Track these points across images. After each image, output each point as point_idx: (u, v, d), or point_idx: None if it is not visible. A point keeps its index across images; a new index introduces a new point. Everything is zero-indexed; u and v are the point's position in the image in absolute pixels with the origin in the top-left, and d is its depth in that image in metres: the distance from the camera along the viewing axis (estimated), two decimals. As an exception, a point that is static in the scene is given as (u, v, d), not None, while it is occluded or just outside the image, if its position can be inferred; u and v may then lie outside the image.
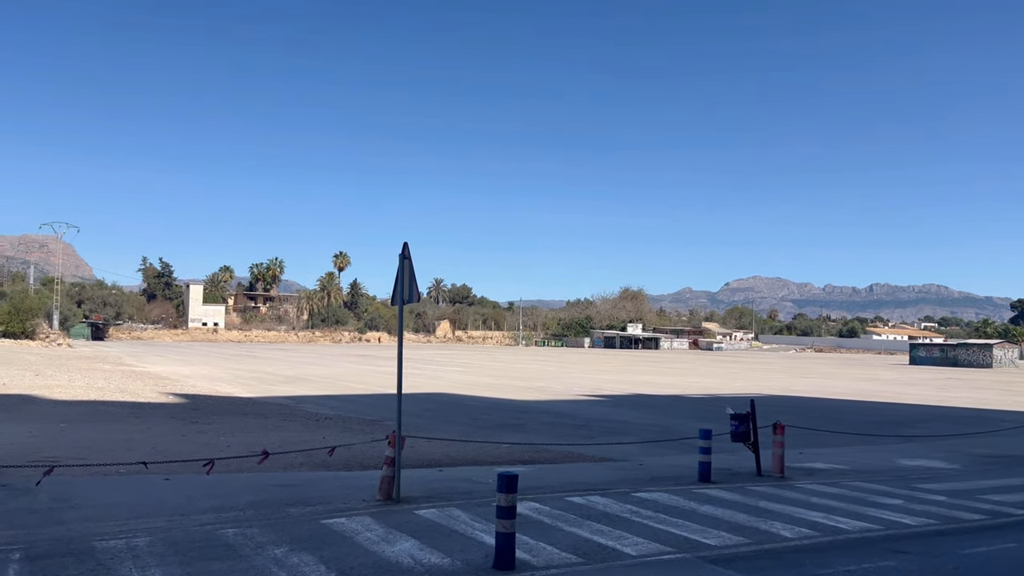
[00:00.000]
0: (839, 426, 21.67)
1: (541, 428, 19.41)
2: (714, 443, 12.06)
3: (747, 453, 14.79)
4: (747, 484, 11.28)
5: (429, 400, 26.68)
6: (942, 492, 11.11)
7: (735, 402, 29.44)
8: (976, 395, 36.40)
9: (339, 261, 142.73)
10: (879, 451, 16.23)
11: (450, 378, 39.16)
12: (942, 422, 22.99)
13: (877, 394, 35.48)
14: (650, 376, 45.92)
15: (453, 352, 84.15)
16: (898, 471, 13.39)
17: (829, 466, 13.76)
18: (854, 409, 27.57)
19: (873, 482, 11.89)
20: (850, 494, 10.65)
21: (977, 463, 14.90)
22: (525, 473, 11.63)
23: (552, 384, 36.49)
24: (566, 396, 29.97)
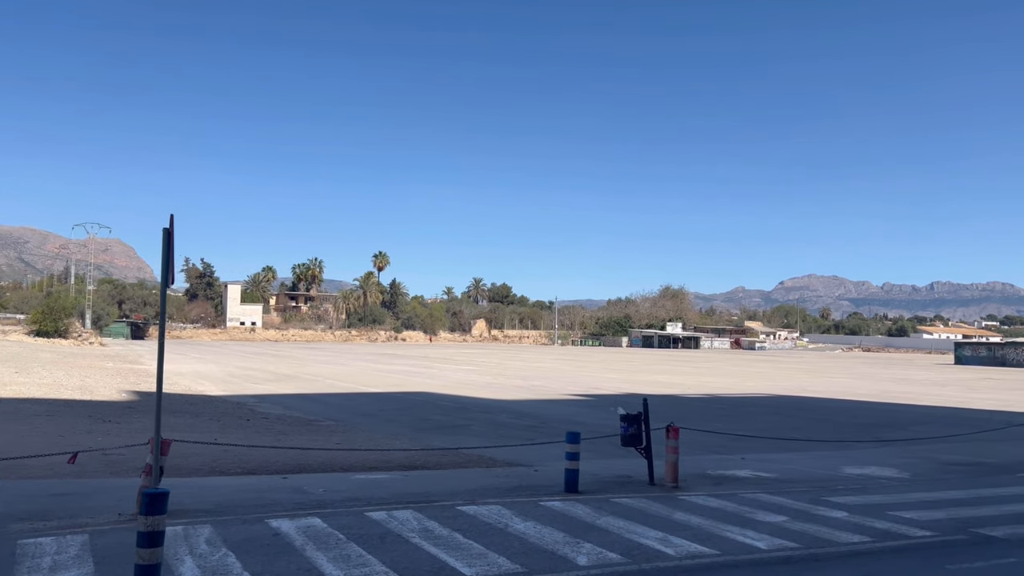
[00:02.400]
0: (825, 428, 20.12)
1: (485, 429, 18.32)
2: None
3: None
4: (620, 495, 9.97)
5: (399, 400, 25.80)
6: (850, 507, 9.65)
7: (733, 402, 27.86)
8: (1004, 396, 33.90)
9: (378, 261, 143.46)
10: (833, 457, 14.69)
11: (448, 377, 38.27)
12: (941, 424, 21.13)
13: (896, 395, 33.35)
14: (663, 376, 44.30)
15: (479, 351, 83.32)
16: (826, 481, 11.89)
17: (752, 474, 12.33)
18: (854, 411, 25.73)
19: (780, 494, 10.46)
20: (733, 509, 9.28)
21: (935, 471, 13.27)
22: (381, 480, 10.55)
23: (550, 383, 35.29)
24: (551, 396, 28.76)
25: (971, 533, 8.44)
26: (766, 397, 31.25)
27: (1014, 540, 8.18)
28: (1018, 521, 9.14)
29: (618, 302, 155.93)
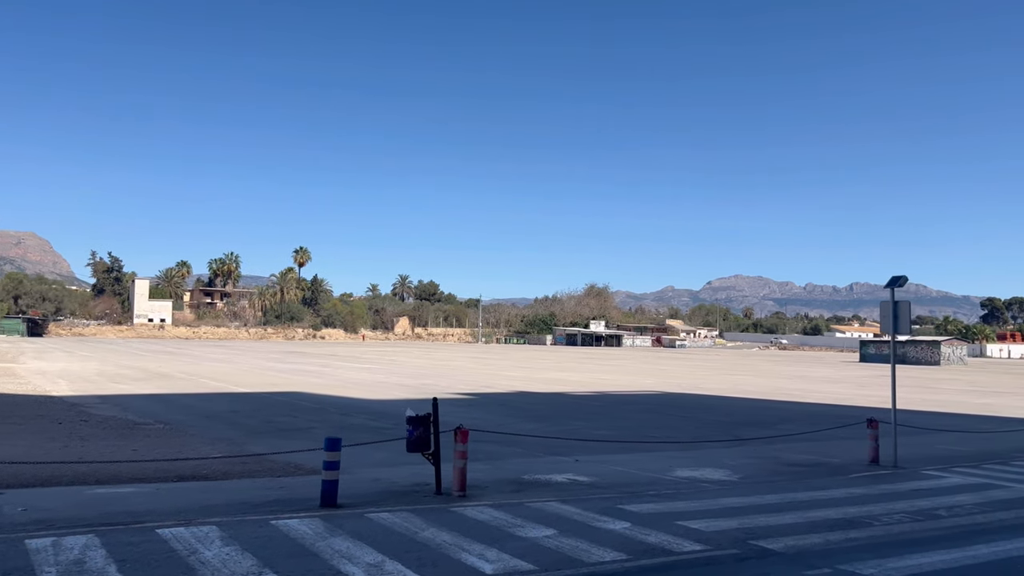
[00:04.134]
0: (692, 427, 19.58)
1: (328, 431, 16.99)
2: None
3: (496, 463, 12.55)
4: (385, 508, 8.91)
5: (261, 400, 24.30)
6: (640, 516, 8.82)
7: (617, 399, 27.19)
8: (889, 394, 34.34)
9: (299, 256, 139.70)
10: (675, 458, 13.99)
11: (339, 376, 36.76)
12: (810, 422, 20.83)
13: (787, 392, 33.45)
14: (566, 374, 43.75)
15: (394, 349, 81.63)
16: (646, 484, 11.10)
17: (569, 479, 11.45)
18: (733, 408, 25.40)
19: (576, 502, 9.58)
20: (502, 522, 8.33)
21: (769, 473, 12.67)
22: (117, 496, 9.23)
23: (443, 382, 34.18)
24: (435, 395, 27.63)
25: (748, 546, 7.68)
26: (654, 394, 30.83)
27: (789, 554, 7.44)
28: (810, 531, 8.45)
29: (545, 300, 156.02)
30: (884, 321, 14.01)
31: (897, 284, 13.64)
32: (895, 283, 13.63)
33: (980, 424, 21.87)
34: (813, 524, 8.81)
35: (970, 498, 10.86)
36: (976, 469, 13.64)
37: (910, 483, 12.01)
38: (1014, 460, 14.96)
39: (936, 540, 8.25)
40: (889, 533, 8.52)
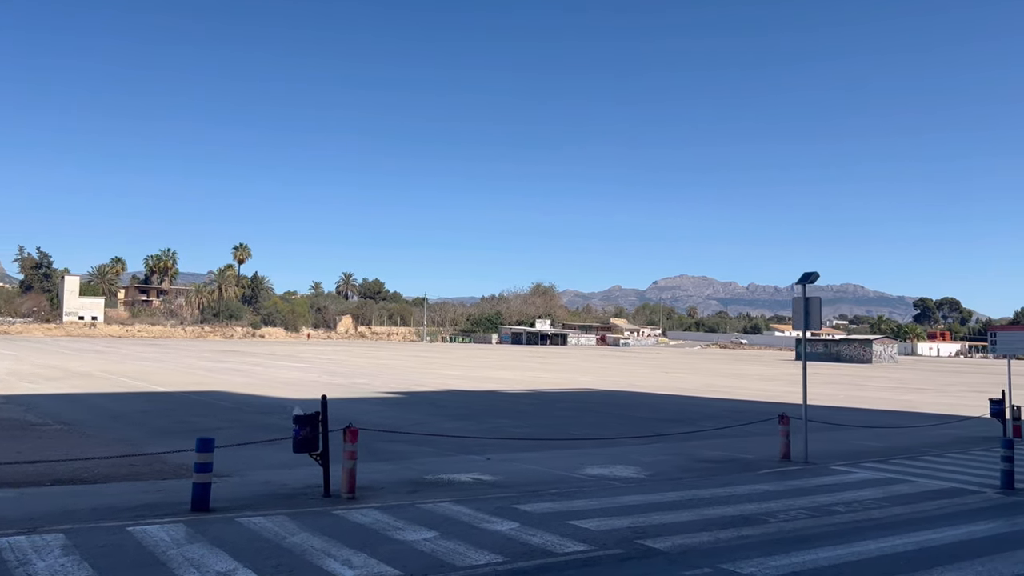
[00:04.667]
0: (616, 424, 19.49)
1: (240, 432, 16.36)
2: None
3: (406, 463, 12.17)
4: (262, 511, 8.45)
5: (178, 400, 23.44)
6: (531, 516, 8.55)
7: (550, 397, 26.93)
8: (818, 391, 34.97)
9: (239, 253, 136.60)
10: (589, 455, 13.81)
11: (268, 376, 35.80)
12: (732, 418, 20.91)
13: (718, 389, 33.78)
14: (504, 372, 43.52)
15: (334, 348, 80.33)
16: (551, 483, 10.86)
17: (473, 478, 11.15)
18: (662, 405, 25.47)
19: (472, 502, 9.27)
20: (385, 525, 7.97)
21: (679, 470, 12.57)
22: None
23: (376, 381, 33.58)
24: (363, 394, 27.07)
25: (634, 546, 7.45)
26: (588, 392, 30.78)
27: (673, 554, 7.23)
28: (702, 529, 8.29)
29: (491, 299, 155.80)
30: (796, 317, 14.04)
31: (808, 280, 13.68)
32: (806, 279, 13.67)
33: (898, 420, 22.30)
34: (708, 522, 8.65)
35: (871, 493, 10.89)
36: (884, 464, 13.76)
37: (816, 479, 12.02)
38: (923, 455, 15.17)
39: (827, 536, 8.16)
40: (782, 530, 8.41)
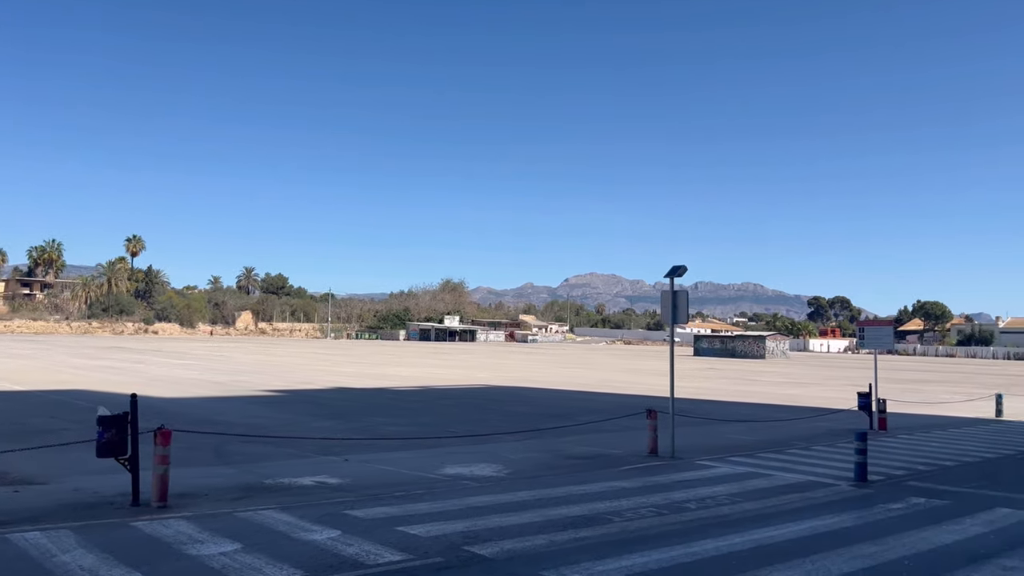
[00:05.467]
0: (496, 419, 19.03)
1: (91, 433, 15.06)
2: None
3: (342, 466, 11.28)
4: (49, 524, 7.52)
5: (35, 399, 21.75)
6: (359, 522, 7.92)
7: (438, 394, 26.21)
8: (707, 385, 35.67)
9: (132, 245, 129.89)
10: (452, 454, 13.26)
11: (150, 373, 33.78)
12: (614, 413, 20.78)
13: (611, 384, 33.93)
14: (401, 369, 42.64)
15: (228, 344, 77.31)
16: (403, 484, 10.26)
17: (319, 481, 10.42)
18: (548, 400, 25.26)
19: (302, 508, 8.57)
20: (183, 536, 7.19)
21: (542, 468, 12.19)
22: None
23: (261, 379, 32.15)
24: (243, 392, 25.82)
25: (459, 552, 6.92)
26: (480, 388, 30.32)
27: (499, 560, 6.74)
28: (541, 531, 7.84)
29: (400, 295, 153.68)
30: (664, 311, 13.88)
31: (676, 274, 13.53)
32: (674, 273, 13.52)
33: (776, 413, 22.71)
34: (550, 523, 8.22)
35: (727, 488, 10.74)
36: (749, 458, 13.77)
37: (677, 474, 11.83)
38: (790, 448, 15.32)
39: (668, 536, 7.85)
40: (624, 530, 8.05)
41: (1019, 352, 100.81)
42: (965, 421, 22.23)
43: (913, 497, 10.45)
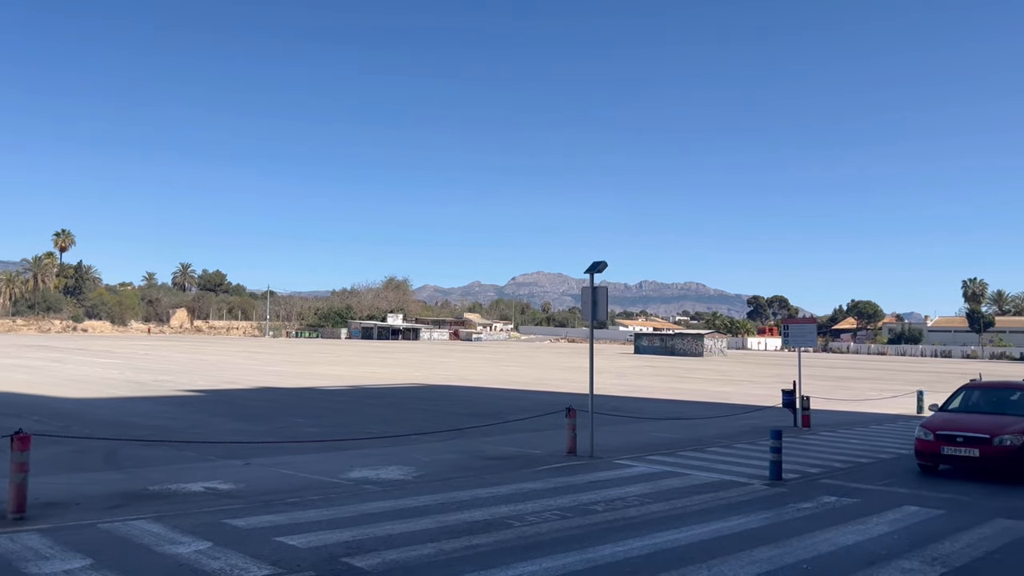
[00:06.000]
0: (422, 419, 18.49)
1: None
2: None
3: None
4: None
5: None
6: (238, 532, 7.38)
7: (367, 393, 25.44)
8: (641, 383, 35.78)
9: (60, 240, 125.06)
10: (360, 456, 12.74)
11: (63, 373, 32.27)
12: (542, 411, 20.45)
13: (546, 383, 33.73)
14: (335, 368, 41.69)
15: (159, 343, 74.88)
16: (294, 490, 9.71)
17: (209, 487, 9.81)
18: (480, 399, 24.86)
19: (172, 518, 7.96)
20: (32, 551, 6.56)
21: (457, 469, 11.78)
22: None
23: (183, 379, 30.99)
24: (159, 393, 24.76)
25: (334, 565, 6.44)
26: (412, 387, 29.74)
27: (374, 573, 6.28)
28: (432, 539, 7.42)
29: (343, 293, 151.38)
30: (584, 307, 13.59)
31: (596, 270, 13.25)
32: (594, 269, 13.24)
33: (705, 411, 22.73)
34: (445, 530, 7.79)
35: (639, 489, 10.47)
36: (669, 457, 13.58)
37: (591, 474, 11.54)
38: (712, 446, 15.20)
39: (566, 541, 7.50)
40: (521, 536, 7.68)
41: (945, 350, 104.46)
42: (887, 418, 22.60)
43: (825, 496, 10.35)
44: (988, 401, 13.18)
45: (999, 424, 11.82)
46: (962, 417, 12.51)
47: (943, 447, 11.86)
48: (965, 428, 11.90)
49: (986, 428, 11.74)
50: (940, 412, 13.12)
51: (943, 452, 11.89)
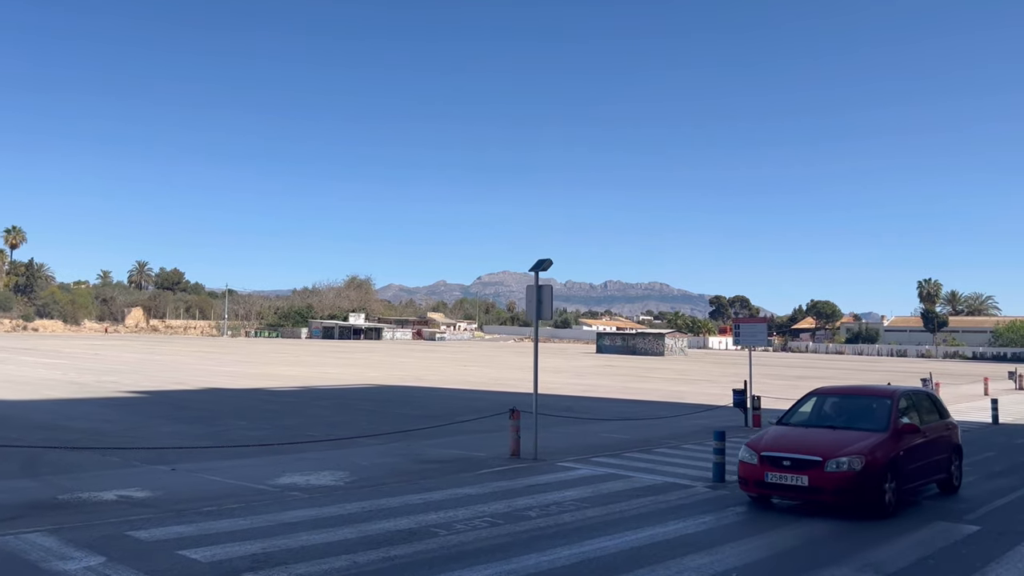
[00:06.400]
0: (369, 422, 18.07)
1: None
2: None
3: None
4: None
5: None
6: (134, 547, 6.91)
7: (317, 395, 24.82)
8: (601, 382, 35.63)
9: (11, 237, 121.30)
10: (295, 461, 12.27)
11: (4, 374, 31.09)
12: (494, 412, 20.11)
13: (504, 382, 33.34)
14: (289, 368, 40.89)
15: (115, 343, 73.00)
16: (213, 498, 9.24)
17: (123, 495, 9.31)
18: (432, 400, 24.44)
19: (70, 531, 7.47)
20: None
21: (393, 473, 11.39)
22: None
23: (129, 379, 30.09)
24: (100, 395, 23.95)
25: None
26: (366, 388, 29.19)
27: (276, 588, 5.86)
28: (349, 550, 7.03)
29: (304, 292, 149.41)
30: (529, 306, 13.27)
31: (541, 268, 12.95)
32: (539, 267, 12.93)
33: (658, 411, 22.57)
34: (365, 540, 7.40)
35: (579, 493, 10.18)
36: (614, 459, 13.32)
37: (532, 478, 11.22)
38: (660, 447, 15.00)
39: (491, 551, 7.16)
40: (444, 546, 7.31)
41: (901, 349, 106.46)
42: (838, 417, 22.63)
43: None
44: (838, 411, 10.71)
45: (838, 442, 9.32)
46: (797, 433, 9.93)
47: (767, 472, 9.23)
48: (795, 448, 9.33)
49: (822, 447, 9.22)
50: (778, 425, 10.55)
51: (767, 479, 9.25)
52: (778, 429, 10.30)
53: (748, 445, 9.75)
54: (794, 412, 10.88)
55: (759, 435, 10.15)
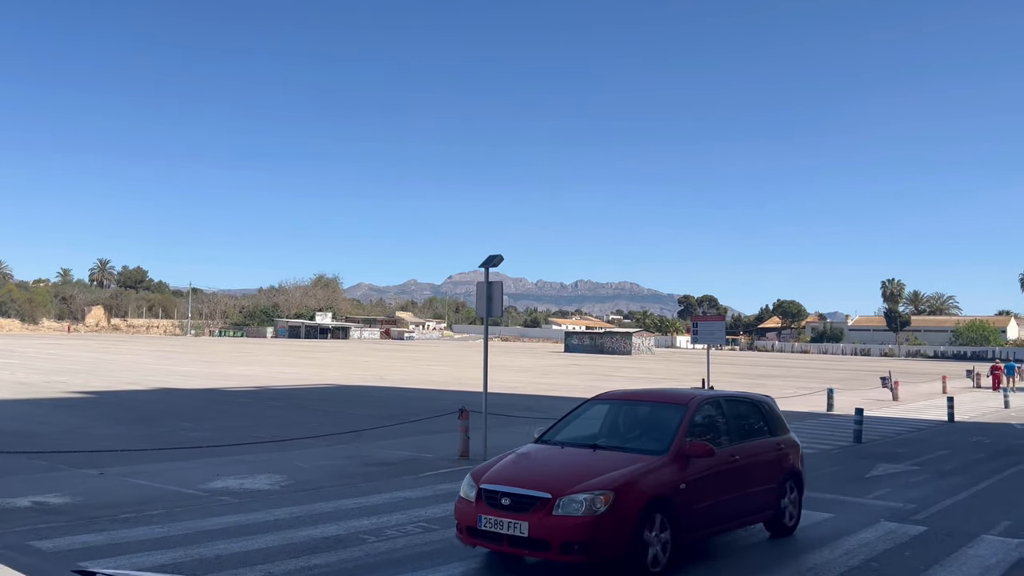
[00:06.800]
0: (319, 422, 17.60)
1: None
2: None
3: None
4: None
5: None
6: (34, 558, 6.45)
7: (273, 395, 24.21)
8: (565, 381, 35.46)
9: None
10: (233, 463, 11.85)
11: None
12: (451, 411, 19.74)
13: (464, 381, 33.05)
14: (249, 368, 40.20)
15: (73, 342, 71.39)
16: (135, 504, 8.81)
17: (38, 502, 8.84)
18: (389, 400, 24.06)
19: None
20: None
21: (335, 476, 11.03)
22: None
23: (78, 379, 29.26)
24: (43, 395, 23.20)
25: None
26: (323, 388, 28.68)
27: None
28: (271, 558, 6.69)
29: (270, 291, 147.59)
30: (479, 302, 12.95)
31: (491, 264, 12.62)
32: (489, 263, 12.61)
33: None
34: (287, 548, 7.02)
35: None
36: (566, 459, 13.03)
37: (476, 481, 10.88)
38: (614, 447, 14.74)
39: (417, 559, 6.86)
40: (369, 554, 6.97)
41: (864, 348, 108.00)
42: (797, 415, 22.62)
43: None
44: (616, 426, 7.96)
45: (588, 470, 6.52)
46: (545, 455, 7.19)
47: (480, 516, 6.47)
48: (523, 479, 6.57)
49: (560, 479, 6.45)
50: (536, 443, 7.68)
51: (480, 525, 6.45)
52: (527, 449, 7.46)
53: (473, 474, 6.94)
54: (564, 425, 8.03)
55: (498, 457, 7.38)
